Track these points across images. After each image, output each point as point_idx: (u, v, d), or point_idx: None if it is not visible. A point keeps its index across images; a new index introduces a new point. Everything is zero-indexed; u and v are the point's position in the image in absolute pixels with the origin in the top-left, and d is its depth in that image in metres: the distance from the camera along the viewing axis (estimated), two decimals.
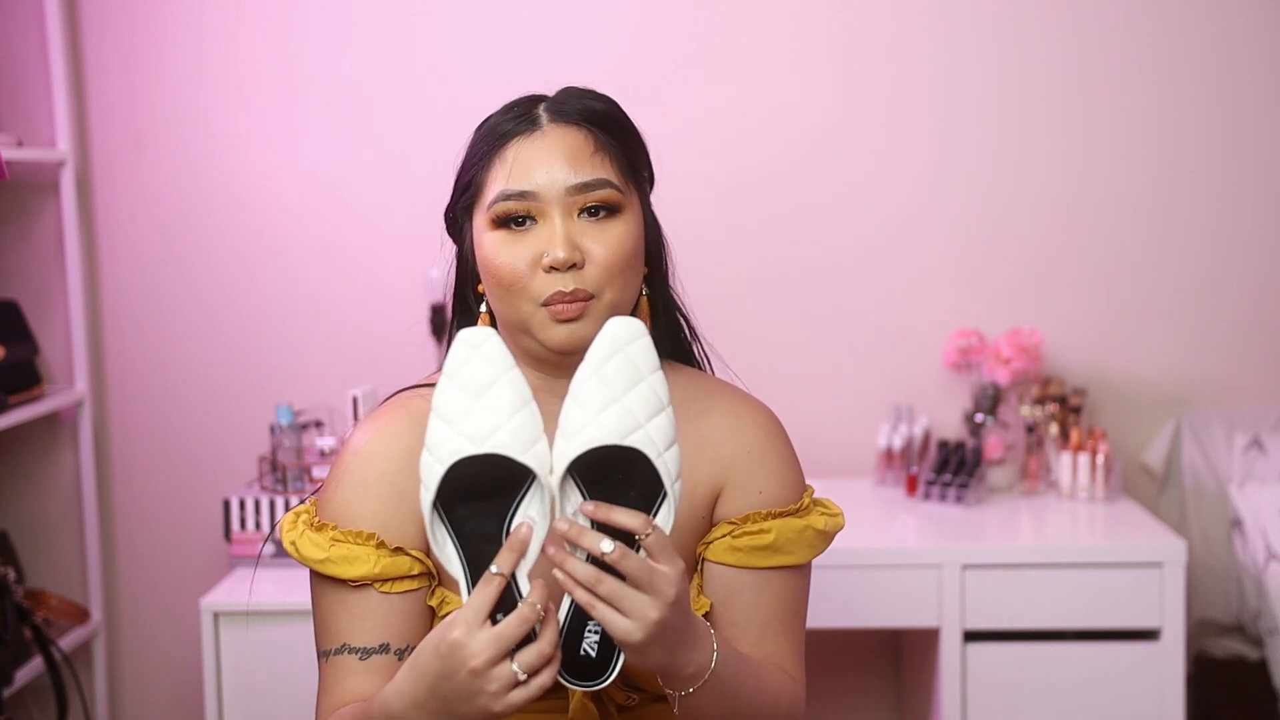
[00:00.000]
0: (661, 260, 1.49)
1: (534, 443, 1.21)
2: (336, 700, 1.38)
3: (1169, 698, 2.51)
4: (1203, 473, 2.96)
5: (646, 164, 1.48)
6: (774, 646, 1.44)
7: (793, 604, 1.47)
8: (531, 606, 1.19)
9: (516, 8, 3.00)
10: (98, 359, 3.07)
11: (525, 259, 1.37)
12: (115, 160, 3.03)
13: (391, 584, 1.39)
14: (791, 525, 1.45)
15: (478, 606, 1.19)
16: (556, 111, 1.42)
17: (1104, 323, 3.02)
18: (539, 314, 1.37)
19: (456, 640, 1.19)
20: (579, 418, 1.21)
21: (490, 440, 1.20)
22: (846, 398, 3.03)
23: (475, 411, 1.20)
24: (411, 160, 2.99)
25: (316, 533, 1.41)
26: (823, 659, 2.95)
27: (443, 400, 1.22)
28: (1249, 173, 3.00)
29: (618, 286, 1.38)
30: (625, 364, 1.22)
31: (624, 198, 1.40)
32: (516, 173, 1.39)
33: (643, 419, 1.21)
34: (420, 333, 2.94)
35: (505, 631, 1.19)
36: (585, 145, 1.40)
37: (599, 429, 1.20)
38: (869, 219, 3.02)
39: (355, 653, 1.38)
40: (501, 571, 1.20)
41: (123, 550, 3.10)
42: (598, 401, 1.21)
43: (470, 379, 1.21)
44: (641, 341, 1.23)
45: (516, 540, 1.21)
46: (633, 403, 1.21)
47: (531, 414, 1.22)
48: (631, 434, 1.20)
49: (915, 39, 2.99)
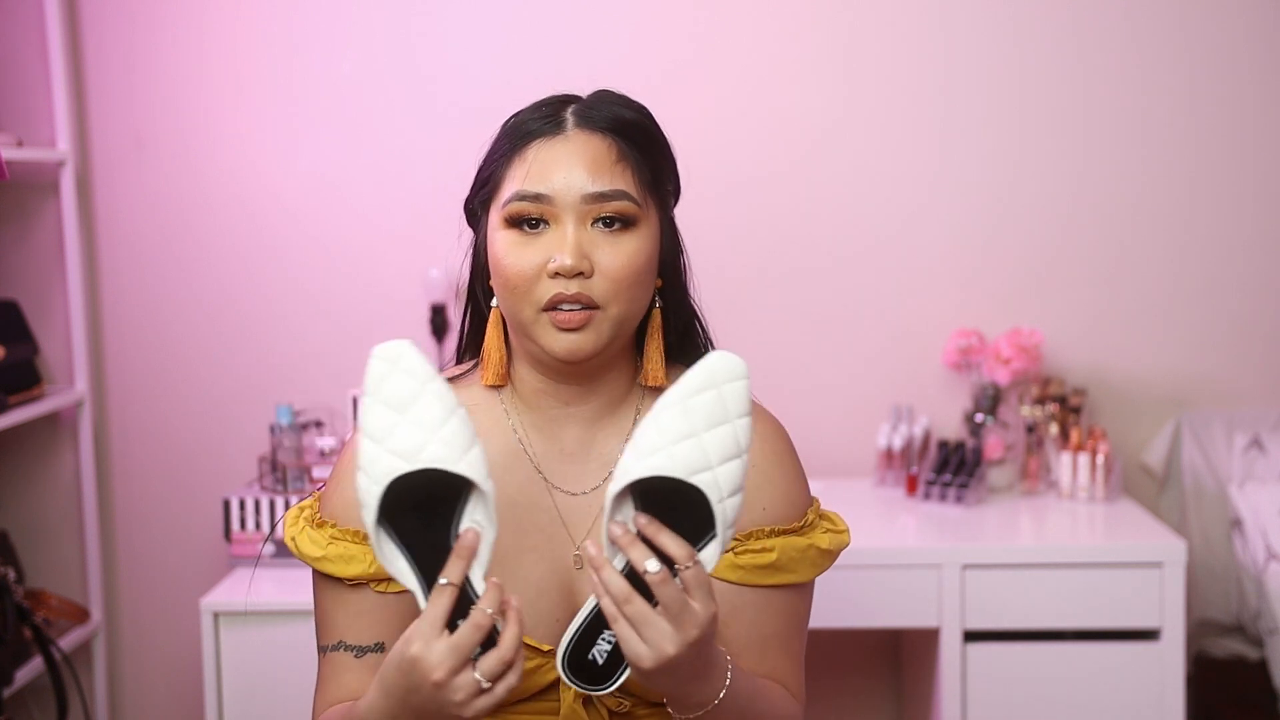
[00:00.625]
0: (679, 274, 1.47)
1: (467, 450, 1.20)
2: (332, 696, 1.40)
3: (1169, 698, 2.51)
4: (1203, 473, 2.96)
5: (672, 177, 1.46)
6: (775, 663, 1.44)
7: (794, 621, 1.46)
8: (483, 613, 1.18)
9: (516, 8, 3.00)
10: (98, 359, 3.07)
11: (533, 263, 1.36)
12: (115, 160, 3.03)
13: (387, 584, 1.39)
14: (795, 544, 1.44)
15: (432, 618, 1.18)
16: (583, 116, 1.40)
17: (1104, 323, 3.02)
18: (541, 319, 1.36)
19: (415, 655, 1.18)
20: (654, 440, 1.20)
21: (422, 455, 1.18)
22: (846, 398, 3.03)
23: (402, 427, 1.19)
24: (411, 160, 2.99)
25: (316, 530, 1.42)
26: (823, 659, 2.95)
27: (368, 419, 1.20)
28: (1249, 173, 3.00)
29: (624, 300, 1.37)
30: (715, 401, 1.20)
31: (640, 211, 1.39)
32: (534, 174, 1.37)
33: (715, 461, 1.20)
34: (420, 333, 2.94)
35: (460, 641, 1.17)
36: (608, 154, 1.38)
37: (669, 459, 1.19)
38: (869, 219, 3.02)
39: (351, 650, 1.40)
40: (451, 581, 1.18)
41: (123, 550, 3.10)
42: (676, 431, 1.20)
43: (392, 395, 1.19)
44: (739, 384, 1.21)
45: (463, 547, 1.19)
46: (710, 442, 1.20)
47: (460, 421, 1.20)
48: (700, 473, 1.19)
49: (915, 39, 2.99)
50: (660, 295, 1.45)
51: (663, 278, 1.45)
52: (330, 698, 1.40)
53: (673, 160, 1.46)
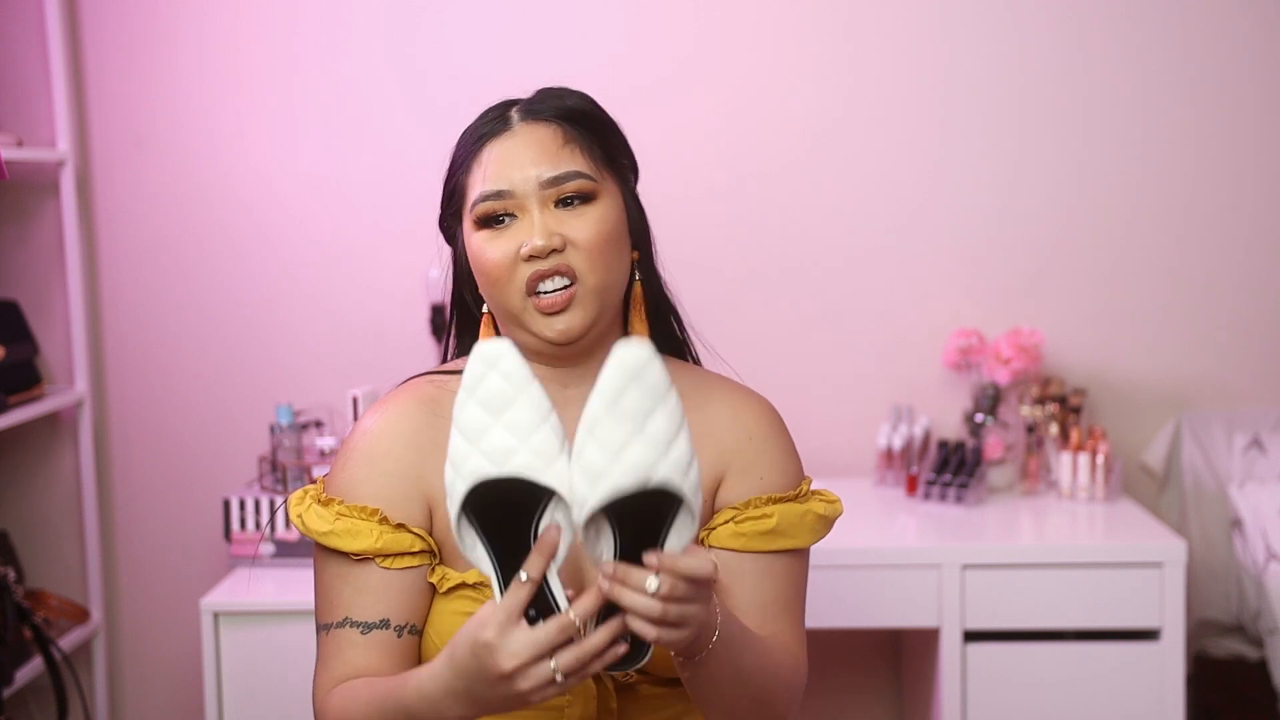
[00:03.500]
0: (646, 243, 1.52)
1: (554, 459, 1.22)
2: (338, 673, 1.41)
3: (1169, 698, 2.51)
4: (1203, 473, 2.96)
5: (625, 153, 1.51)
6: (776, 627, 1.48)
7: (794, 586, 1.50)
8: (571, 622, 1.21)
9: (516, 7, 3.00)
10: (98, 359, 3.07)
11: (508, 251, 1.42)
12: (115, 160, 3.03)
13: (393, 559, 1.42)
14: (793, 510, 1.48)
15: (509, 608, 1.21)
16: (527, 111, 1.47)
17: (1104, 323, 3.02)
18: (529, 306, 1.42)
19: (489, 641, 1.21)
20: (598, 461, 1.20)
21: (511, 462, 1.20)
22: (846, 398, 3.03)
23: (494, 430, 1.21)
24: (411, 160, 2.98)
25: (323, 507, 1.44)
26: (823, 659, 2.95)
27: (463, 416, 1.22)
28: (1249, 173, 3.00)
29: (600, 268, 1.42)
30: (641, 394, 1.20)
31: (597, 185, 1.44)
32: (492, 174, 1.44)
33: (664, 446, 1.20)
34: (420, 333, 2.94)
35: (543, 638, 1.20)
36: (554, 139, 1.45)
37: (621, 474, 1.19)
38: (869, 219, 3.02)
39: (357, 627, 1.42)
40: (532, 576, 1.21)
41: (123, 550, 3.11)
42: (617, 440, 1.19)
43: (488, 396, 1.22)
44: (654, 365, 1.21)
45: (545, 544, 1.22)
46: (653, 432, 1.20)
47: (551, 429, 1.22)
48: (654, 467, 1.19)
49: (915, 39, 2.99)
50: (638, 267, 1.50)
51: (638, 249, 1.50)
52: (336, 675, 1.41)
53: (623, 138, 1.51)
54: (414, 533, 1.43)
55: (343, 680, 1.41)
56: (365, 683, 1.38)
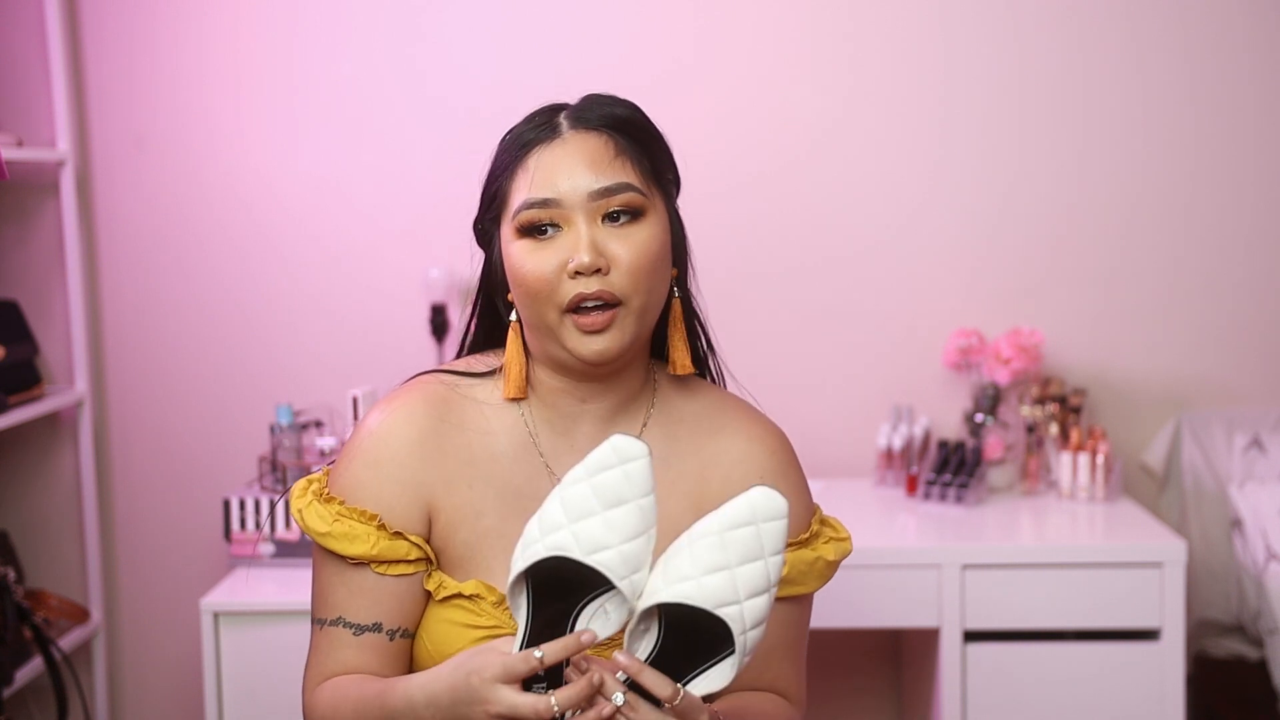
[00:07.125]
0: (684, 260, 1.50)
1: (635, 570, 1.24)
2: (328, 669, 1.43)
3: (1169, 698, 2.51)
4: (1203, 473, 2.96)
5: (671, 167, 1.49)
6: (777, 672, 1.47)
7: (798, 630, 1.49)
8: (550, 707, 1.23)
9: (517, 7, 3.00)
10: (98, 359, 3.07)
11: (551, 266, 1.38)
12: (115, 160, 3.03)
13: (388, 566, 1.42)
14: (803, 557, 1.46)
15: (511, 667, 1.25)
16: (577, 118, 1.43)
17: (1104, 323, 3.02)
18: (566, 322, 1.39)
19: (481, 686, 1.25)
20: (685, 569, 1.23)
21: (597, 555, 1.23)
22: (846, 398, 3.03)
23: (596, 519, 1.23)
24: (411, 160, 2.98)
25: (324, 505, 1.44)
26: (823, 659, 2.95)
27: (572, 491, 1.25)
28: (1249, 173, 3.00)
29: (644, 290, 1.40)
30: (752, 538, 1.24)
31: (646, 200, 1.41)
32: (539, 181, 1.40)
33: (743, 595, 1.23)
34: (420, 333, 2.95)
35: (522, 709, 1.23)
36: (606, 150, 1.41)
37: (697, 588, 1.22)
38: (869, 218, 3.02)
39: (350, 627, 1.43)
40: (545, 659, 1.23)
41: (123, 550, 3.11)
42: (710, 562, 1.23)
43: (604, 487, 1.24)
44: (778, 524, 1.25)
45: (574, 643, 1.24)
46: (741, 576, 1.23)
47: (645, 542, 1.25)
48: (726, 606, 1.22)
49: (915, 39, 2.99)
50: (677, 285, 1.48)
51: (677, 266, 1.48)
52: (326, 670, 1.43)
53: (669, 151, 1.48)
54: (411, 540, 1.42)
55: (333, 676, 1.43)
56: (355, 682, 1.40)
